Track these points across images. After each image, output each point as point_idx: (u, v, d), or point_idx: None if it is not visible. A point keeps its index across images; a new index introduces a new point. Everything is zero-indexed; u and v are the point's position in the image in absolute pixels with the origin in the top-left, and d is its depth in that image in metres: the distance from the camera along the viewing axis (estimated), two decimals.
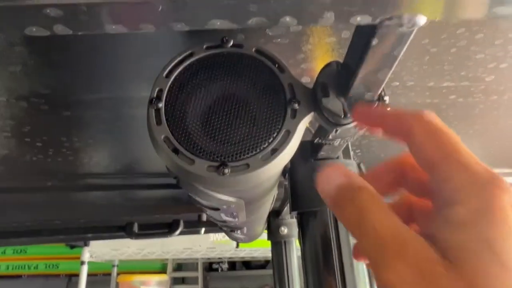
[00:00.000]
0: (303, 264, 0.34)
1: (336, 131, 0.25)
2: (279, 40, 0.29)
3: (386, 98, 0.24)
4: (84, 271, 1.42)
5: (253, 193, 0.31)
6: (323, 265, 0.32)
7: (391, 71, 0.21)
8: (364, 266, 0.33)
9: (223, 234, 1.60)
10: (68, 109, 0.45)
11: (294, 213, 0.35)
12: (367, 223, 0.16)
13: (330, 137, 0.26)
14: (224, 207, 0.31)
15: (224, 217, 0.38)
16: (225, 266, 3.13)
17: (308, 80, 0.35)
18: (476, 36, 0.29)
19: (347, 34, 0.29)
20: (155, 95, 0.24)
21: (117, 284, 1.59)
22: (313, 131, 0.36)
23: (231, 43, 0.25)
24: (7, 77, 0.34)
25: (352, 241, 0.33)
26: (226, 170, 0.22)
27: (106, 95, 0.43)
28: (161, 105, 0.24)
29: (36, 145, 0.56)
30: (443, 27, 0.28)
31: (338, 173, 0.19)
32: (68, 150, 0.60)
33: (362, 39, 0.19)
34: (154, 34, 0.31)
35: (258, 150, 0.23)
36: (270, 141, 0.23)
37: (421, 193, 0.20)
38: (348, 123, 0.23)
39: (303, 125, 0.24)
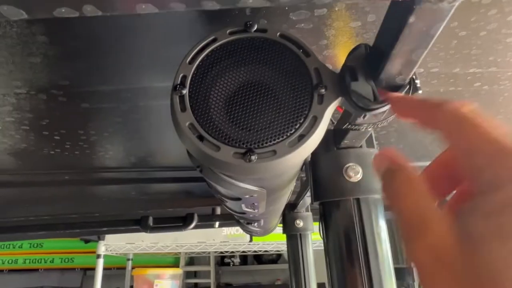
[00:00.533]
0: (326, 254, 0.33)
1: (364, 116, 0.24)
2: (302, 25, 0.28)
3: (417, 82, 0.23)
4: (100, 264, 1.44)
5: (275, 183, 0.31)
6: (347, 256, 0.31)
7: (426, 52, 0.20)
8: (390, 255, 0.32)
9: (237, 228, 1.60)
10: (86, 101, 0.45)
11: (316, 203, 0.35)
12: (400, 203, 0.17)
13: (357, 122, 0.26)
14: (246, 196, 0.31)
15: (244, 208, 0.37)
16: (237, 260, 3.14)
17: (330, 66, 0.34)
18: (508, 18, 0.28)
19: (373, 18, 0.28)
20: (179, 82, 0.24)
21: (131, 277, 1.61)
22: (334, 121, 0.35)
23: (255, 27, 0.25)
24: (28, 68, 0.34)
25: (376, 229, 0.32)
26: (253, 157, 0.22)
27: (123, 87, 0.43)
28: (185, 91, 0.24)
29: (54, 138, 0.56)
30: (474, 8, 0.27)
31: (384, 156, 0.19)
32: (85, 144, 0.60)
33: (398, 17, 0.18)
34: (172, 23, 0.31)
35: (285, 137, 0.23)
36: (297, 127, 0.23)
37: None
38: (378, 108, 0.22)
39: (330, 110, 0.24)
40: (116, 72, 0.40)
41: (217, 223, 0.99)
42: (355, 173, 0.32)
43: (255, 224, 0.57)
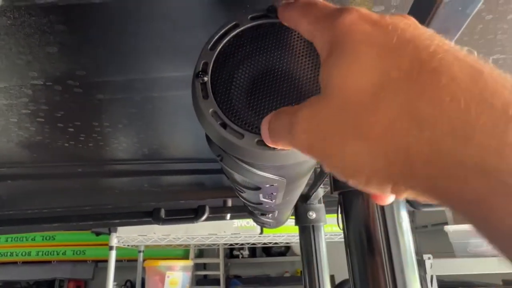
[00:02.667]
0: (346, 245, 0.33)
1: None
2: None
3: None
4: (113, 256, 1.46)
5: (295, 172, 0.30)
6: (368, 246, 0.31)
7: (458, 34, 0.19)
8: (412, 245, 0.32)
9: (248, 220, 1.61)
10: (102, 92, 0.45)
11: (335, 193, 0.34)
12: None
13: None
14: (267, 186, 0.30)
15: (262, 198, 0.37)
16: (246, 253, 3.16)
17: None
18: None
19: (397, 1, 0.27)
20: (200, 69, 0.23)
21: (143, 269, 1.63)
22: None
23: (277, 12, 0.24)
24: (45, 58, 0.34)
25: (397, 219, 0.32)
26: None
27: (138, 76, 0.43)
28: (207, 78, 0.23)
29: (68, 130, 0.56)
30: None
31: None
32: (99, 135, 0.60)
33: None
34: (188, 9, 0.30)
35: None
36: None
37: None
38: None
39: None
40: (131, 62, 0.40)
41: (228, 215, 0.99)
42: None
43: (269, 215, 0.57)
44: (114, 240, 1.45)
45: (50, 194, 0.90)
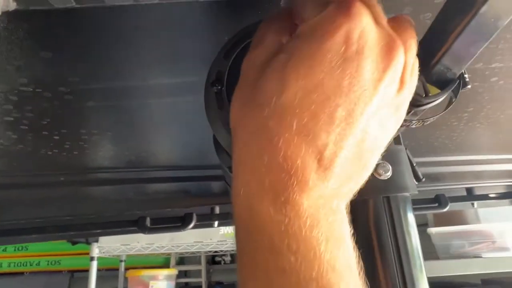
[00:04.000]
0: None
1: (411, 112, 0.23)
2: None
3: (466, 76, 0.22)
4: (94, 267, 1.40)
5: None
6: (380, 255, 0.31)
7: (485, 45, 0.19)
8: (420, 253, 0.32)
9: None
10: (90, 99, 0.43)
11: None
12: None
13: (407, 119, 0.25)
14: None
15: None
16: (228, 258, 3.13)
17: None
18: None
19: (410, 10, 0.27)
20: (214, 78, 0.22)
21: (125, 279, 1.58)
22: None
23: None
24: (37, 64, 0.32)
25: (406, 228, 0.32)
26: None
27: (130, 84, 0.41)
28: (222, 87, 0.22)
29: (53, 138, 0.54)
30: None
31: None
32: (86, 143, 0.58)
33: (467, 7, 0.17)
34: (180, 17, 0.29)
35: None
36: None
37: None
38: (430, 102, 0.21)
39: None
40: (123, 69, 0.38)
41: (216, 223, 0.97)
42: (385, 171, 0.31)
43: None
44: (95, 251, 1.39)
45: (30, 205, 0.86)
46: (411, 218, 0.32)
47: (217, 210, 0.99)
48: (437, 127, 0.59)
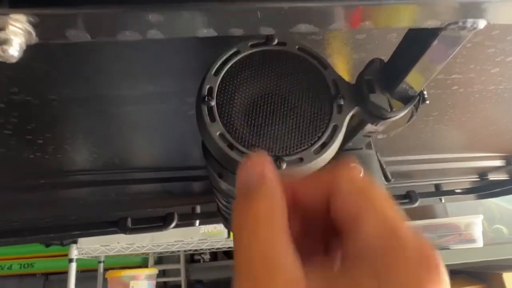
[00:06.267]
0: None
1: (376, 124, 0.26)
2: (313, 36, 0.30)
3: (425, 93, 0.25)
4: (73, 269, 1.39)
5: None
6: None
7: (439, 69, 0.22)
8: None
9: (214, 225, 1.61)
10: (77, 106, 0.44)
11: None
12: (249, 236, 0.14)
13: (368, 129, 0.28)
14: None
15: None
16: (207, 257, 3.13)
17: None
18: (492, 32, 0.32)
19: (376, 31, 0.30)
20: (206, 93, 0.25)
21: (104, 280, 1.57)
22: None
23: (276, 40, 0.26)
24: (30, 74, 0.34)
25: None
26: (283, 164, 0.23)
27: (108, 92, 0.43)
28: (213, 102, 0.25)
29: (37, 142, 0.54)
30: None
31: (257, 164, 0.16)
32: (70, 147, 0.59)
33: (420, 40, 0.20)
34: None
35: (309, 145, 0.24)
36: (319, 135, 0.25)
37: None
38: (392, 117, 0.25)
39: (348, 119, 0.26)
40: (106, 80, 0.40)
41: (197, 222, 0.99)
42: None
43: None
44: (74, 252, 1.38)
45: (9, 207, 0.85)
46: None
47: (198, 209, 1.01)
48: (406, 129, 0.63)
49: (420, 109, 0.55)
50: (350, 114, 0.25)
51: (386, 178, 0.39)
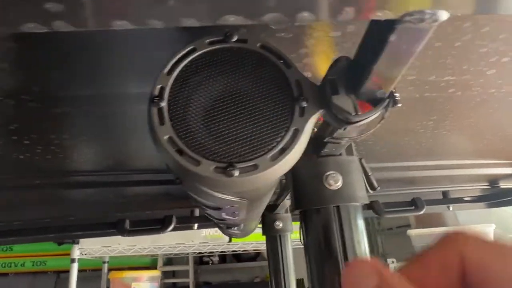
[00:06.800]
0: (307, 263, 0.33)
1: (345, 128, 0.24)
2: (282, 34, 0.28)
3: (397, 95, 0.23)
4: (75, 269, 1.40)
5: (257, 193, 0.30)
6: (328, 264, 0.32)
7: (406, 67, 0.20)
8: (367, 250, 0.33)
9: (216, 228, 1.60)
10: (58, 106, 0.43)
11: (297, 211, 0.35)
12: None
13: (336, 135, 0.26)
14: (227, 207, 0.30)
15: (225, 216, 0.37)
16: (216, 259, 3.13)
17: (309, 75, 0.34)
18: (482, 30, 0.29)
19: (352, 28, 0.28)
20: (156, 93, 0.23)
21: (108, 280, 1.58)
22: (315, 129, 0.35)
23: (235, 38, 0.24)
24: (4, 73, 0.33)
25: (356, 237, 0.33)
26: (234, 172, 0.22)
27: (99, 92, 0.42)
28: (164, 104, 0.23)
29: (23, 143, 0.54)
30: (449, 20, 0.27)
31: (367, 270, 0.14)
32: (58, 148, 0.58)
33: (378, 35, 0.18)
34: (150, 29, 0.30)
35: (266, 150, 0.22)
36: (278, 140, 0.23)
37: None
38: (360, 121, 0.22)
39: (311, 123, 0.23)
40: (92, 78, 0.39)
41: (196, 225, 0.97)
42: (335, 181, 0.32)
43: (235, 228, 0.57)
44: (76, 252, 1.39)
45: (6, 208, 0.86)
46: (361, 226, 0.33)
47: (196, 212, 0.99)
48: (405, 133, 0.60)
49: (415, 113, 0.52)
50: (314, 117, 0.23)
51: (371, 187, 0.37)
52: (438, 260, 0.15)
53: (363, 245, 0.32)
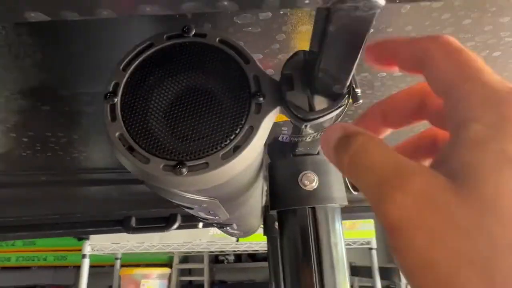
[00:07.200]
0: (281, 260, 0.33)
1: (306, 126, 0.23)
2: (249, 28, 0.27)
3: (358, 91, 0.22)
4: (86, 264, 1.43)
5: (225, 192, 0.29)
6: (302, 268, 0.31)
7: (356, 61, 0.19)
8: (345, 266, 0.31)
9: None
10: (68, 105, 0.44)
11: (274, 212, 0.34)
12: (363, 161, 0.15)
13: (302, 133, 0.24)
14: (196, 206, 0.30)
15: (203, 215, 0.36)
16: (231, 258, 3.14)
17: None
18: (463, 22, 0.27)
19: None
20: (110, 89, 0.23)
21: (119, 277, 1.60)
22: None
23: (193, 32, 0.24)
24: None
25: (333, 240, 0.31)
26: (184, 170, 0.21)
27: (91, 90, 0.42)
28: (116, 100, 0.22)
29: (22, 140, 0.55)
30: (425, 12, 0.26)
31: (335, 128, 0.17)
32: (56, 145, 0.59)
33: (320, 25, 0.17)
34: (136, 26, 0.30)
35: (218, 148, 0.22)
36: (232, 138, 0.22)
37: (443, 123, 0.18)
38: (316, 118, 0.21)
39: (269, 120, 0.22)
40: (104, 76, 0.39)
41: (200, 224, 0.98)
42: (310, 181, 0.31)
43: (228, 227, 0.56)
44: (87, 248, 1.42)
45: (15, 203, 0.88)
46: (338, 228, 0.32)
47: None
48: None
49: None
50: (271, 114, 0.22)
51: (354, 187, 0.35)
52: (404, 91, 0.19)
53: (340, 248, 0.31)
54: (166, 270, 1.68)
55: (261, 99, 0.22)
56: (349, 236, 1.80)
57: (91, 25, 0.29)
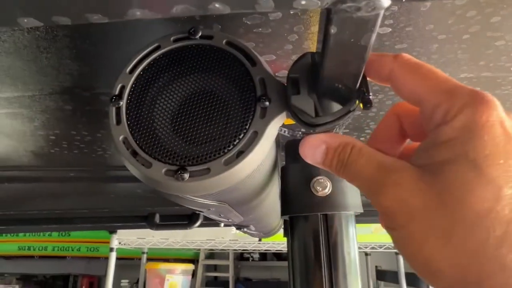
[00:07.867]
0: (291, 268, 0.32)
1: (314, 131, 0.22)
2: (260, 29, 0.26)
3: (370, 96, 0.20)
4: (113, 257, 1.48)
5: (235, 196, 0.29)
6: (312, 273, 0.29)
7: (364, 64, 0.17)
8: (358, 276, 0.30)
9: None
10: (70, 104, 0.45)
11: (285, 217, 0.33)
12: (353, 169, 0.19)
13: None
14: (205, 210, 0.29)
15: (215, 217, 0.36)
16: (256, 256, 3.15)
17: None
18: (491, 19, 0.25)
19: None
20: (116, 92, 0.23)
21: (145, 270, 1.65)
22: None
23: (199, 34, 0.23)
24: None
25: (346, 248, 0.30)
26: (185, 175, 0.20)
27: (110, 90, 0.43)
28: (122, 103, 0.22)
29: (50, 138, 0.57)
30: (447, 10, 0.24)
31: (315, 144, 0.21)
32: (82, 144, 0.61)
33: (322, 27, 0.16)
34: (155, 27, 0.30)
35: (221, 153, 0.21)
36: (235, 143, 0.21)
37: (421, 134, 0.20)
38: (321, 124, 0.20)
39: (275, 125, 0.22)
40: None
41: (222, 223, 0.98)
42: (323, 188, 0.30)
43: (245, 229, 0.55)
44: (114, 242, 1.47)
45: (48, 197, 0.92)
46: (352, 236, 0.31)
47: None
48: None
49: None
50: (277, 119, 0.21)
51: None
52: (381, 123, 0.22)
53: (353, 257, 0.30)
54: (190, 266, 1.70)
55: (267, 103, 0.21)
56: (374, 239, 1.75)
57: (110, 26, 0.29)
